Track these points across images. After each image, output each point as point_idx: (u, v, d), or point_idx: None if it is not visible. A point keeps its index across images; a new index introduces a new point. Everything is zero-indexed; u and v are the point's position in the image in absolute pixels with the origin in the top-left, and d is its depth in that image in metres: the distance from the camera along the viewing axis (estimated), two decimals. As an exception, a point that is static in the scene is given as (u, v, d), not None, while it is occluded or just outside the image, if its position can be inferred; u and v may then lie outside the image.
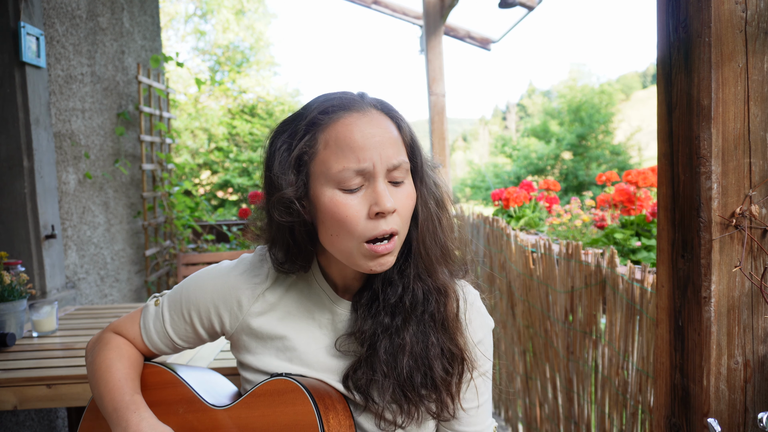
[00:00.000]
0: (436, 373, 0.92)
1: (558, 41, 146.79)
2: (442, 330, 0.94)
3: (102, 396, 0.98)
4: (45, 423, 2.71)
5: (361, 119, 0.86)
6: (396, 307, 0.92)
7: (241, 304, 0.99)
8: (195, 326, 1.02)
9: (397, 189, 0.87)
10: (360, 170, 0.84)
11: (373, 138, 0.85)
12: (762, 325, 1.10)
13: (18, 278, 1.99)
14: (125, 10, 3.86)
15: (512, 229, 3.18)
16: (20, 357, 1.80)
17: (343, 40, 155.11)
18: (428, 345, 0.92)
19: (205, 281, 1.01)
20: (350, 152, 0.84)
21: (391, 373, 0.91)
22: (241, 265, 1.01)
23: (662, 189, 1.18)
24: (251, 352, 1.00)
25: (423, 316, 0.93)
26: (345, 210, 0.84)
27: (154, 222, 4.04)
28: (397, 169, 0.86)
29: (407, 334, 0.92)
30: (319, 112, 0.88)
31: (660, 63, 1.16)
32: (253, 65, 16.29)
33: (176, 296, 1.03)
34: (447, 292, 0.95)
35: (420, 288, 0.93)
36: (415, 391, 0.91)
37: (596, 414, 2.20)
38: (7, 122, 2.65)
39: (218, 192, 13.11)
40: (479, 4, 42.96)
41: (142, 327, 1.05)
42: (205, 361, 1.76)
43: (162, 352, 1.07)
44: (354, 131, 0.85)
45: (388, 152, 0.85)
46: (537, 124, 21.20)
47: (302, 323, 0.98)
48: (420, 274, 0.93)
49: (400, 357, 0.91)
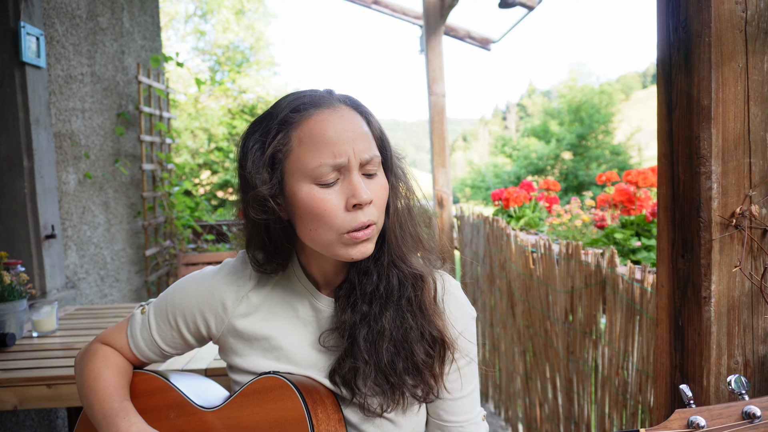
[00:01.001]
0: (417, 356, 0.93)
1: (558, 41, 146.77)
2: (420, 314, 0.95)
3: (91, 405, 0.99)
4: (45, 423, 2.71)
5: (333, 115, 0.88)
6: (373, 294, 0.94)
7: (225, 307, 1.00)
8: (181, 332, 1.03)
9: (371, 181, 0.90)
10: (336, 165, 0.86)
11: (346, 133, 0.87)
12: (762, 325, 1.10)
13: (18, 278, 1.99)
14: (125, 10, 3.86)
15: (512, 229, 3.18)
16: (20, 357, 1.80)
17: (343, 40, 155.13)
18: (407, 329, 0.94)
19: (190, 286, 1.03)
20: (325, 148, 0.86)
21: (372, 359, 0.92)
22: (224, 269, 1.03)
23: (662, 189, 1.18)
24: (239, 354, 1.01)
25: (400, 302, 0.95)
26: (323, 204, 0.87)
27: (154, 222, 4.04)
28: (370, 163, 0.89)
29: (385, 320, 0.93)
30: (290, 110, 0.89)
31: (660, 63, 1.16)
32: (253, 65, 16.28)
33: (162, 303, 1.04)
34: (423, 277, 0.97)
35: (395, 274, 0.95)
36: (397, 376, 0.93)
37: (596, 414, 2.20)
38: (7, 122, 2.65)
39: (218, 192, 13.11)
40: (479, 4, 42.88)
41: (129, 336, 1.06)
42: (205, 362, 1.76)
43: (150, 360, 1.08)
44: (327, 127, 0.87)
45: (361, 146, 0.88)
46: (537, 124, 21.21)
47: (286, 322, 1.00)
48: (394, 261, 0.95)
49: (379, 343, 0.92)
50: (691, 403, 0.82)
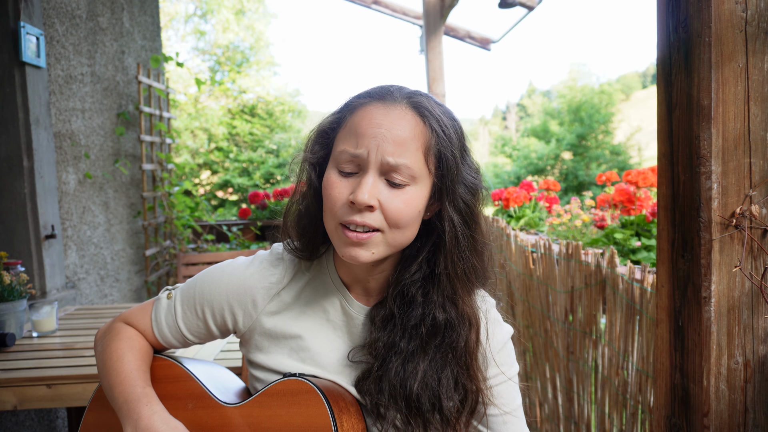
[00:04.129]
0: (444, 405, 0.89)
1: (558, 41, 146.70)
2: (459, 363, 0.90)
3: (112, 387, 0.96)
4: (45, 423, 2.71)
5: (380, 109, 0.85)
6: (414, 330, 0.90)
7: (256, 303, 0.98)
8: (207, 322, 1.01)
9: (394, 190, 0.84)
10: (355, 155, 0.84)
11: (379, 128, 0.83)
12: (762, 325, 1.09)
13: (18, 278, 1.98)
14: (125, 10, 3.86)
15: (512, 229, 3.18)
16: (20, 357, 1.79)
17: (343, 40, 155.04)
18: (441, 378, 0.89)
19: (220, 278, 1.00)
20: (353, 136, 0.85)
21: (397, 392, 0.89)
22: (256, 262, 1.00)
23: (662, 189, 1.18)
24: (263, 351, 0.99)
25: (441, 347, 0.90)
26: (332, 189, 0.85)
27: (154, 222, 4.04)
28: (397, 170, 0.83)
29: (422, 363, 0.89)
30: (357, 96, 0.90)
31: (660, 63, 1.16)
32: (253, 65, 16.29)
33: (190, 291, 1.02)
34: (471, 321, 0.91)
35: (442, 316, 0.89)
36: (421, 414, 0.89)
37: (596, 414, 2.20)
38: (7, 122, 2.65)
39: (218, 192, 13.12)
40: (479, 4, 42.96)
41: (154, 320, 1.04)
42: (208, 358, 1.76)
43: (172, 345, 1.06)
44: (365, 117, 0.85)
45: (388, 148, 0.82)
46: (537, 124, 21.20)
47: (316, 323, 0.98)
48: (444, 302, 0.90)
49: (411, 383, 0.89)
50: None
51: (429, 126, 0.85)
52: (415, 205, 0.85)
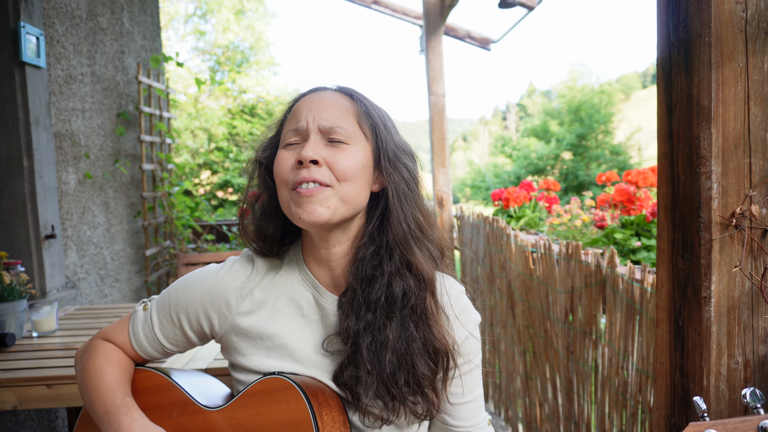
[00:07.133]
0: (418, 370, 0.92)
1: (558, 41, 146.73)
2: (423, 323, 0.94)
3: (93, 401, 0.98)
4: (45, 423, 2.71)
5: (313, 95, 0.97)
6: (377, 302, 0.93)
7: (229, 305, 1.00)
8: (184, 329, 1.03)
9: (335, 148, 0.92)
10: (296, 129, 0.94)
11: (312, 103, 0.95)
12: (762, 325, 1.10)
13: (18, 278, 1.98)
14: (125, 10, 3.86)
15: (512, 229, 3.18)
16: (20, 357, 1.79)
17: (343, 40, 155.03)
18: (410, 341, 0.93)
19: (193, 283, 1.02)
20: (294, 119, 0.95)
21: (374, 369, 0.92)
22: (227, 265, 1.03)
23: (662, 189, 1.18)
24: (241, 353, 1.01)
25: (404, 311, 0.94)
26: (280, 162, 0.93)
27: (154, 222, 4.04)
28: (334, 132, 0.92)
29: (390, 331, 0.92)
30: (295, 98, 1.00)
31: (660, 63, 1.16)
32: (253, 65, 16.28)
33: (165, 300, 1.04)
34: (428, 282, 0.95)
35: (400, 283, 0.93)
36: (398, 389, 0.92)
37: (596, 414, 2.20)
38: (7, 122, 2.65)
39: (218, 192, 13.11)
40: (479, 4, 42.89)
41: (131, 332, 1.05)
42: (205, 361, 1.76)
43: (152, 357, 1.07)
44: (302, 103, 0.96)
45: (324, 114, 0.93)
46: (537, 124, 21.20)
47: (291, 320, 0.99)
48: (400, 268, 0.94)
49: (382, 354, 0.92)
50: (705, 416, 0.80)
51: (358, 102, 0.97)
52: (358, 159, 0.93)
